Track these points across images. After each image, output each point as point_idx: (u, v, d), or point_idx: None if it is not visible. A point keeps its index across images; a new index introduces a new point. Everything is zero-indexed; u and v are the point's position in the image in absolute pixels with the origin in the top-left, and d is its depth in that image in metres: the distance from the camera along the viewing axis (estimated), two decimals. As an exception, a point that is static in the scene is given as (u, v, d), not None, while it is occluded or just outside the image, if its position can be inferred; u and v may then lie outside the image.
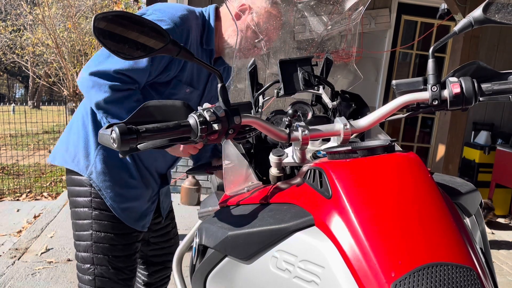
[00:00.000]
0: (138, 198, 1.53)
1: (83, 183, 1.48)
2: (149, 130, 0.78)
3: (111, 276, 1.50)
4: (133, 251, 1.56)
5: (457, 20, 3.79)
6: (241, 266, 0.86)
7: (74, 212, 1.51)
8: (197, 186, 4.48)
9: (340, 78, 1.35)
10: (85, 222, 1.48)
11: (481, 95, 0.94)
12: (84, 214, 1.48)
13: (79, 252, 1.50)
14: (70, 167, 1.49)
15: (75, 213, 1.50)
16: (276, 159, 1.00)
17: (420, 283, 0.63)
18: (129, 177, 1.50)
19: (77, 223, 1.50)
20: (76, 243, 1.51)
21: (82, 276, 1.51)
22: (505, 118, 5.07)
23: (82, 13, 12.98)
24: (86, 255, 1.48)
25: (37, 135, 10.07)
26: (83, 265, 1.49)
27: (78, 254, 1.51)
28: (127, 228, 1.51)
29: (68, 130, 1.56)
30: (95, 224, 1.47)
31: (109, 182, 1.47)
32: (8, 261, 2.97)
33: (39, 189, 5.33)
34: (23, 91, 33.06)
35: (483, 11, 0.94)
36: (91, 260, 1.48)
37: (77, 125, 1.51)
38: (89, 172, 1.46)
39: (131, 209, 1.51)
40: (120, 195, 1.48)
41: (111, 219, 1.48)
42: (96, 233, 1.47)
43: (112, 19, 0.79)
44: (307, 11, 1.35)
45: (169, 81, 1.45)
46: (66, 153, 1.51)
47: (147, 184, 1.56)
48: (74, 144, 1.50)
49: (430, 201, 0.73)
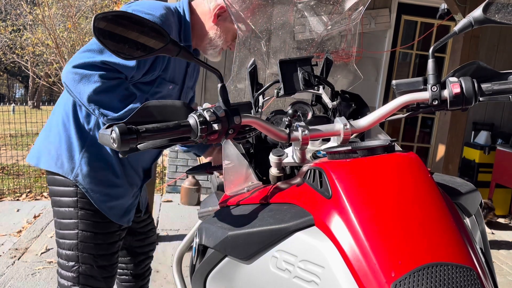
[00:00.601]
0: (123, 195, 1.56)
1: (68, 184, 1.48)
2: (149, 130, 0.78)
3: (95, 274, 1.52)
4: (116, 249, 1.59)
5: (457, 20, 3.79)
6: (241, 266, 0.86)
7: (58, 211, 1.51)
8: (197, 186, 4.48)
9: (340, 78, 1.35)
10: (70, 221, 1.49)
11: (481, 95, 0.94)
12: (69, 213, 1.49)
13: (63, 249, 1.51)
14: (54, 170, 1.49)
15: (59, 212, 1.51)
16: (276, 159, 1.00)
17: (420, 283, 0.63)
18: (114, 177, 1.52)
19: (61, 222, 1.51)
20: (60, 241, 1.52)
21: (65, 273, 1.52)
22: (505, 118, 5.07)
23: (82, 13, 12.97)
24: (71, 253, 1.50)
25: (37, 135, 10.06)
26: (67, 262, 1.51)
27: (62, 251, 1.52)
28: (111, 227, 1.54)
29: (47, 132, 1.54)
30: (81, 224, 1.48)
31: (95, 183, 1.48)
32: (8, 261, 2.97)
33: (39, 189, 5.33)
34: (23, 91, 33.07)
35: (483, 11, 0.94)
36: (76, 258, 1.49)
37: (56, 127, 1.50)
38: (75, 174, 1.46)
39: (117, 206, 1.54)
40: (106, 195, 1.50)
41: (97, 219, 1.50)
42: (82, 232, 1.48)
43: (112, 19, 0.79)
44: (307, 11, 1.35)
45: (153, 80, 1.46)
46: (49, 156, 1.50)
47: (131, 182, 1.58)
48: (56, 147, 1.49)
49: (430, 201, 0.73)
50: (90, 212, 1.49)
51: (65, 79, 1.33)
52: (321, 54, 1.26)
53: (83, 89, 1.30)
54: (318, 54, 1.31)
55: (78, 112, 1.47)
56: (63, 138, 1.48)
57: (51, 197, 1.54)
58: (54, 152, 1.49)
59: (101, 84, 1.29)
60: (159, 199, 4.56)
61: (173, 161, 4.77)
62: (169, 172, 4.80)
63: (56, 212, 1.52)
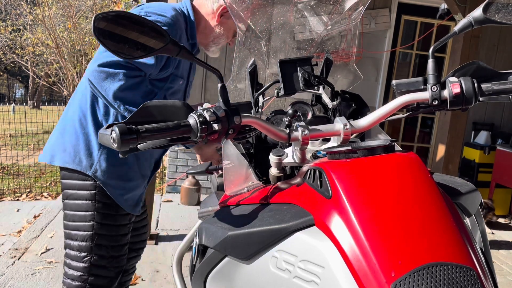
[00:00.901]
0: (136, 187, 1.64)
1: (85, 178, 1.54)
2: (149, 130, 0.78)
3: (106, 264, 1.58)
4: (126, 241, 1.66)
5: (457, 20, 3.79)
6: (241, 266, 0.86)
7: (73, 204, 1.56)
8: (197, 186, 4.48)
9: (340, 78, 1.35)
10: (87, 213, 1.54)
11: (481, 95, 0.94)
12: (86, 206, 1.54)
13: (75, 241, 1.55)
14: (71, 166, 1.54)
15: (75, 205, 1.55)
16: (276, 159, 1.00)
17: (420, 283, 0.63)
18: (130, 171, 1.60)
19: (75, 214, 1.55)
20: (71, 233, 1.56)
21: (75, 263, 1.56)
22: (505, 118, 5.08)
23: (82, 13, 12.96)
24: (84, 244, 1.55)
25: (37, 135, 10.07)
26: (79, 253, 1.55)
27: (74, 243, 1.56)
28: (124, 219, 1.62)
29: (61, 131, 1.59)
30: (97, 216, 1.54)
31: (113, 178, 1.55)
32: (8, 261, 2.97)
33: (39, 189, 5.33)
34: (23, 91, 33.07)
35: (483, 11, 0.94)
36: (89, 249, 1.55)
37: (72, 126, 1.55)
38: (94, 170, 1.53)
39: (131, 198, 1.62)
40: (123, 188, 1.58)
41: (112, 211, 1.57)
42: (98, 224, 1.55)
43: (112, 19, 0.79)
44: (307, 11, 1.35)
45: (167, 76, 1.55)
46: (64, 154, 1.54)
47: (143, 174, 1.67)
48: (73, 145, 1.54)
49: (430, 201, 0.73)
50: (106, 204, 1.55)
51: (90, 76, 1.40)
52: (321, 54, 1.26)
53: (108, 86, 1.38)
54: (318, 54, 1.31)
55: (97, 110, 1.53)
56: (80, 136, 1.53)
57: (65, 190, 1.59)
58: (71, 149, 1.54)
59: (125, 82, 1.38)
60: (159, 199, 4.56)
61: (173, 161, 4.78)
62: (169, 172, 4.81)
63: (70, 205, 1.57)
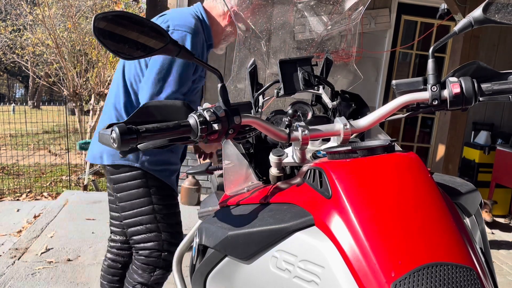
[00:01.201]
0: (177, 169, 1.84)
1: (133, 169, 1.70)
2: (149, 130, 0.78)
3: (173, 240, 1.78)
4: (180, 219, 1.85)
5: (457, 20, 3.79)
6: (241, 266, 0.86)
7: (128, 194, 1.72)
8: (197, 186, 4.48)
9: (340, 78, 1.35)
10: (144, 199, 1.72)
11: (481, 95, 0.94)
12: (142, 192, 1.72)
13: (141, 225, 1.73)
14: (121, 163, 1.69)
15: (130, 194, 1.72)
16: (276, 159, 1.00)
17: (420, 283, 0.63)
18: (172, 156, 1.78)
19: (134, 203, 1.72)
20: (135, 220, 1.73)
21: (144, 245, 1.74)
22: (505, 118, 5.07)
23: (82, 13, 12.94)
24: (151, 225, 1.73)
25: (37, 135, 10.07)
26: (149, 234, 1.74)
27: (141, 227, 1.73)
28: (175, 199, 1.82)
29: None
30: (154, 199, 1.73)
31: (159, 164, 1.72)
32: (8, 261, 2.97)
33: (39, 189, 5.33)
34: (23, 91, 33.07)
35: (483, 11, 0.94)
36: (157, 229, 1.74)
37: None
38: (141, 162, 1.68)
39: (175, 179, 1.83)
40: (168, 170, 1.77)
41: (166, 192, 1.76)
42: (157, 205, 1.73)
43: (112, 19, 0.79)
44: (307, 11, 1.35)
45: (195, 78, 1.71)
46: (110, 152, 1.70)
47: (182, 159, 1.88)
48: None
49: (430, 201, 0.73)
50: (159, 187, 1.73)
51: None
52: (321, 54, 1.26)
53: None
54: (318, 54, 1.31)
55: (129, 109, 1.69)
56: None
57: (116, 184, 1.74)
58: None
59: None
60: (159, 199, 4.55)
61: (173, 161, 4.77)
62: (169, 172, 4.80)
63: (125, 196, 1.73)
